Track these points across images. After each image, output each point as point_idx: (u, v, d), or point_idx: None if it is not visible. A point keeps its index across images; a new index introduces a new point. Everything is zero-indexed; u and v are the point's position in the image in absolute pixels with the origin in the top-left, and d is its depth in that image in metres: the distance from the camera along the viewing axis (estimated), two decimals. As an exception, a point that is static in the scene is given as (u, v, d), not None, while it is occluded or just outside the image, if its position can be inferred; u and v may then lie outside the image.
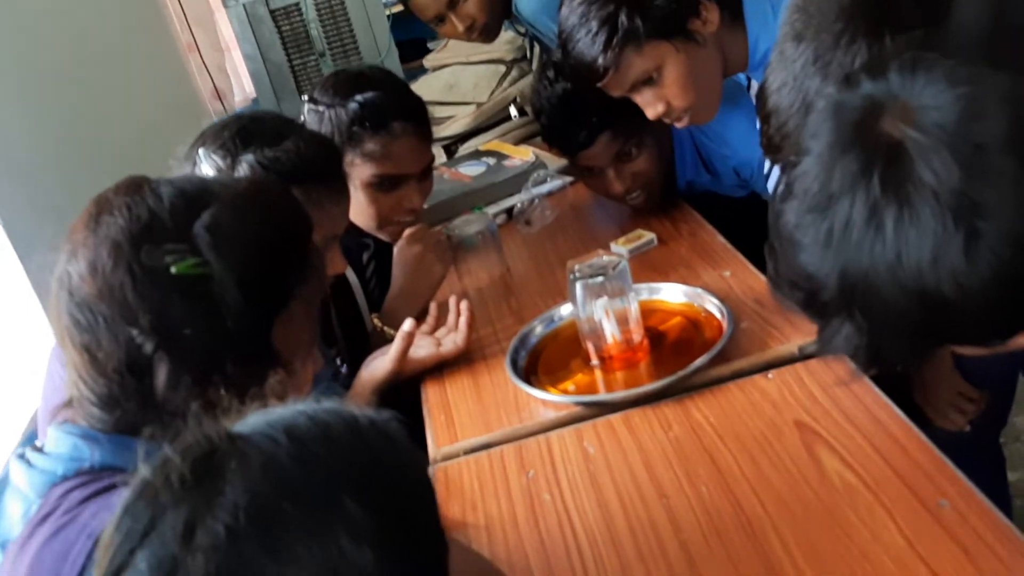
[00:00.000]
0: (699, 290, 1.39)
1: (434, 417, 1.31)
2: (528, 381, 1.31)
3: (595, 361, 1.31)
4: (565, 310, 1.44)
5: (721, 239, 1.59)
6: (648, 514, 1.02)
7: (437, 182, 1.97)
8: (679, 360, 1.27)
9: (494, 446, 1.22)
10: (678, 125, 1.51)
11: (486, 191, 1.95)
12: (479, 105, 2.28)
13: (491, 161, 2.07)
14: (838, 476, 0.99)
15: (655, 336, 1.35)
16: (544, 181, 1.90)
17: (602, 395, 1.25)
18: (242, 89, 2.96)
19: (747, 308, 1.35)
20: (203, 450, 0.54)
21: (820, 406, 1.11)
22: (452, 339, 1.42)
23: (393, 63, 2.57)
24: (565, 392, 1.28)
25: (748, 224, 1.66)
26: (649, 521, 1.01)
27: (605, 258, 1.30)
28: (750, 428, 1.11)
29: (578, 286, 1.28)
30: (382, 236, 1.64)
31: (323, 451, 0.55)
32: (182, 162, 1.23)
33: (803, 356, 1.24)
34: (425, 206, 1.77)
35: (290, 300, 0.87)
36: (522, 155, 2.05)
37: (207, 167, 1.20)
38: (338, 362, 1.56)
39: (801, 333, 1.25)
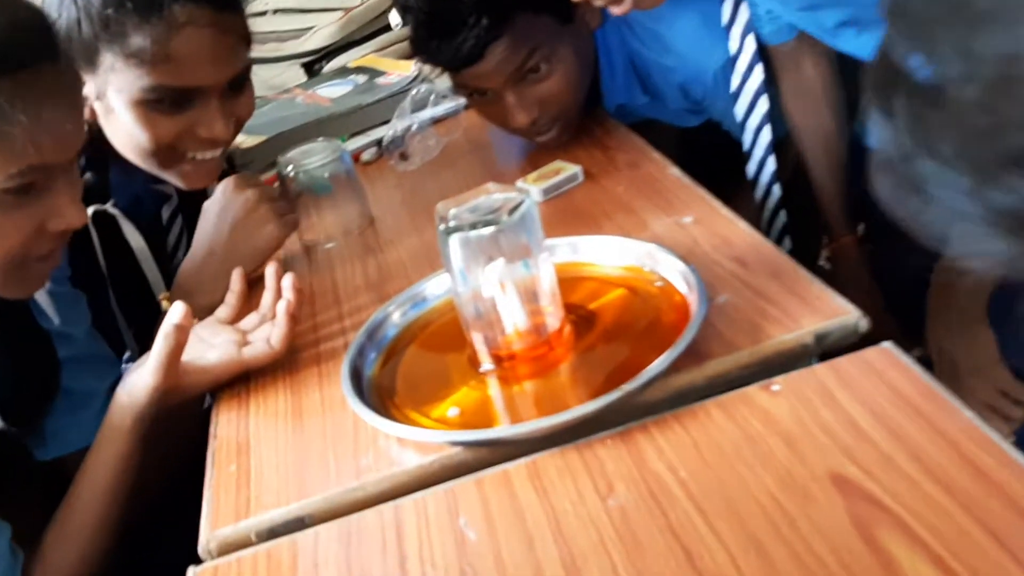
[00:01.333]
0: (650, 245, 0.89)
1: (218, 472, 0.79)
2: (380, 405, 0.80)
3: (486, 365, 0.81)
4: (439, 285, 0.93)
5: (675, 171, 1.09)
6: None
7: (286, 108, 1.44)
8: (623, 362, 0.78)
9: (309, 525, 0.71)
10: (615, 11, 1.00)
11: (349, 118, 1.42)
12: (347, 11, 1.73)
13: (360, 79, 1.54)
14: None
15: (583, 321, 0.85)
16: (427, 103, 1.38)
17: (496, 430, 0.74)
18: None
19: (724, 272, 0.86)
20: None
21: (869, 442, 0.63)
22: (264, 337, 0.90)
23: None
24: (439, 422, 0.77)
25: (702, 165, 1.17)
26: None
27: (498, 195, 0.79)
28: (749, 487, 0.62)
29: (454, 242, 0.76)
30: (170, 178, 1.10)
31: None
32: None
33: (825, 350, 0.75)
34: (247, 139, 1.23)
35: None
36: (402, 70, 1.52)
37: None
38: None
39: (814, 310, 0.76)
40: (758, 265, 0.85)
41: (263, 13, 1.88)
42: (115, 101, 1.02)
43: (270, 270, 0.97)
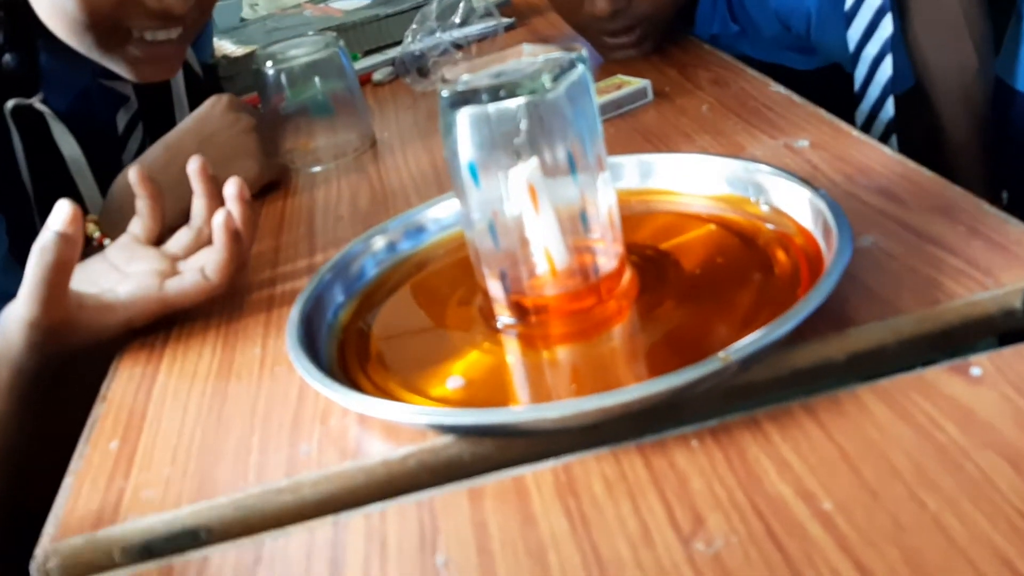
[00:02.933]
0: (759, 164, 0.61)
1: (91, 451, 0.53)
2: (341, 370, 0.53)
3: (505, 319, 0.54)
4: (446, 210, 0.66)
5: (780, 88, 0.81)
6: None
7: (288, 21, 1.18)
8: (712, 327, 0.51)
9: (206, 543, 0.45)
10: None
11: (361, 31, 1.16)
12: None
13: (382, -8, 1.28)
14: None
15: (651, 264, 0.57)
16: (456, 15, 1.11)
17: (508, 411, 0.46)
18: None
19: (867, 207, 0.58)
20: None
21: None
22: (198, 266, 0.64)
23: None
24: (430, 399, 0.50)
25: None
26: None
27: (538, 58, 0.52)
28: (944, 528, 0.34)
29: (462, 122, 0.50)
30: (116, 67, 0.84)
31: None
32: None
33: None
34: (236, 48, 0.99)
35: None
36: (431, -18, 1.26)
37: None
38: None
39: (1016, 260, 0.48)
40: (917, 200, 0.57)
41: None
42: None
43: (197, 174, 0.70)
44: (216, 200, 0.68)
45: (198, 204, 0.69)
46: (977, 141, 1.00)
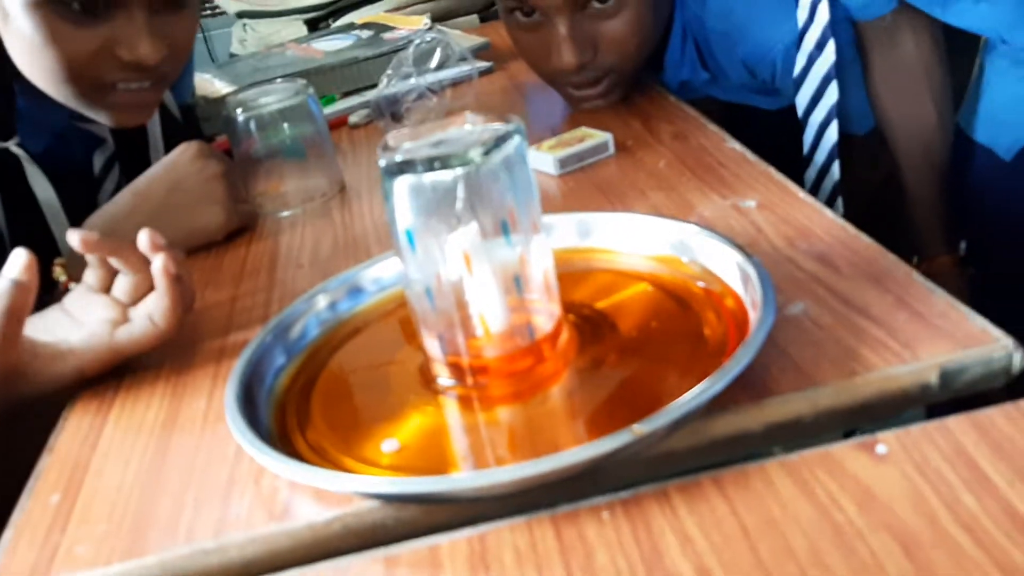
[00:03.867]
0: (692, 226, 0.62)
1: (33, 503, 0.54)
2: (279, 431, 0.55)
3: (444, 379, 0.55)
4: (389, 269, 0.67)
5: (736, 144, 0.83)
6: None
7: (270, 60, 1.20)
8: (642, 388, 0.52)
9: (126, 607, 0.46)
10: None
11: (341, 72, 1.17)
12: (362, -38, 1.50)
13: (365, 35, 1.29)
14: None
15: (588, 324, 0.59)
16: (433, 61, 1.13)
17: (419, 482, 0.46)
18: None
19: (801, 273, 0.59)
20: None
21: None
22: (146, 312, 0.65)
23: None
24: (365, 463, 0.51)
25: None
26: None
27: (478, 128, 0.53)
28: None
29: (400, 190, 0.51)
30: (95, 115, 0.86)
31: None
32: None
33: (955, 396, 0.49)
34: (215, 88, 1.01)
35: None
36: (412, 25, 1.28)
37: None
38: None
39: (939, 333, 0.49)
40: (851, 266, 0.59)
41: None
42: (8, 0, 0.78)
43: (144, 236, 0.69)
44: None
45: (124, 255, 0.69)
46: (937, 193, 1.02)
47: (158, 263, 0.63)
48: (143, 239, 0.64)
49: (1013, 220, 0.98)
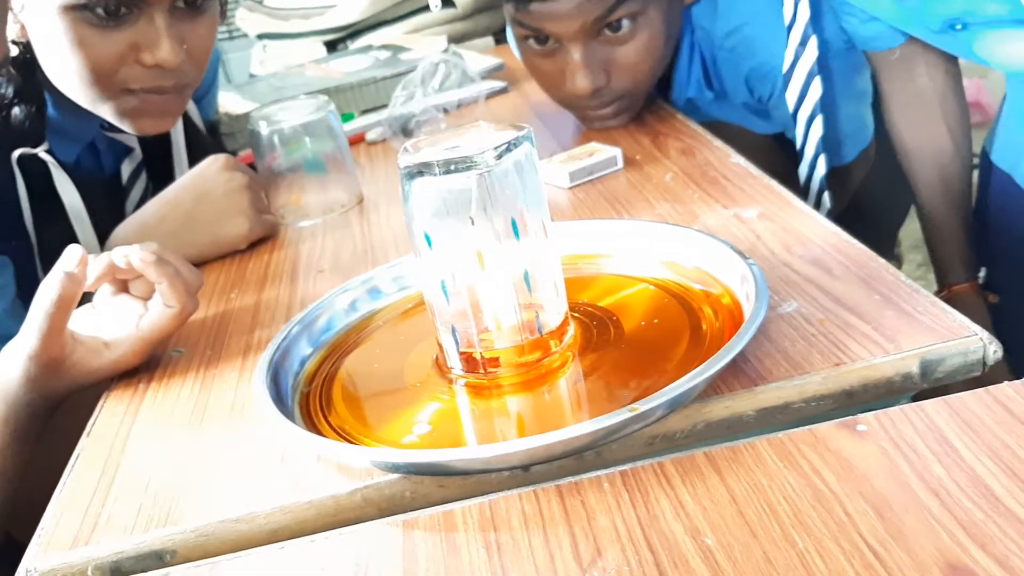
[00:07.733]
0: (692, 231, 0.66)
1: (75, 479, 0.58)
2: (305, 414, 0.59)
3: (458, 370, 0.59)
4: (408, 271, 0.71)
5: (740, 159, 0.87)
6: None
7: (289, 79, 1.24)
8: (643, 378, 0.55)
9: (168, 563, 0.50)
10: None
11: (359, 92, 1.22)
12: (381, -14, 1.55)
13: (383, 55, 1.34)
14: None
15: (592, 321, 0.62)
16: (444, 81, 1.17)
17: (432, 453, 0.50)
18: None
19: (797, 275, 0.63)
20: None
21: (1008, 517, 0.39)
22: (158, 300, 0.69)
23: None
24: (387, 443, 0.55)
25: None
26: None
27: (493, 134, 0.57)
28: (813, 572, 0.38)
29: (418, 191, 0.55)
30: (117, 120, 0.90)
31: None
32: None
33: (934, 385, 0.52)
34: (236, 105, 1.05)
35: None
36: (429, 46, 1.33)
37: None
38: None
39: (921, 327, 0.53)
40: (844, 269, 0.62)
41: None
42: (39, 7, 0.83)
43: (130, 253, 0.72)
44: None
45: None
46: (955, 221, 1.04)
47: (135, 261, 0.67)
48: (119, 263, 0.68)
49: None
